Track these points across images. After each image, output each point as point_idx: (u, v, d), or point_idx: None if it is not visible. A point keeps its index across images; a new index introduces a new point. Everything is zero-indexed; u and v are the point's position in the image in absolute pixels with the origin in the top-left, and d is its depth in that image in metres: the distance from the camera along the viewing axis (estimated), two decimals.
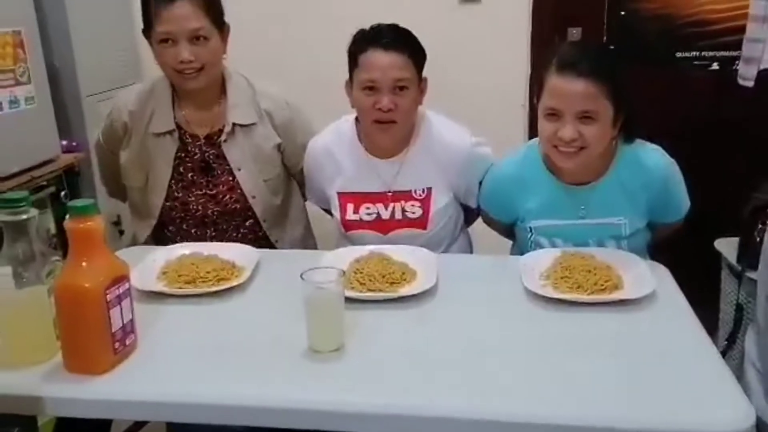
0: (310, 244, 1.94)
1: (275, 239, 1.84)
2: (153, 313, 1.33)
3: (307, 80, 2.81)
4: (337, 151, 1.73)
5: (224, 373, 1.15)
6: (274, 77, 2.76)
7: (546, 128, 1.48)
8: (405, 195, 1.70)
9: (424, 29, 2.70)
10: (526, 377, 1.12)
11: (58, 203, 2.22)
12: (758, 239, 1.78)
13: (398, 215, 1.70)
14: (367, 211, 1.70)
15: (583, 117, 1.43)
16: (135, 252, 1.62)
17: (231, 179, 1.77)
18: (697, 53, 2.61)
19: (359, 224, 1.71)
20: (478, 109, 2.74)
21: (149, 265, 1.49)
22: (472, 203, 1.77)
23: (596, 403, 1.05)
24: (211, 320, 1.34)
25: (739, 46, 2.32)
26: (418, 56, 1.64)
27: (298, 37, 2.80)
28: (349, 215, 1.71)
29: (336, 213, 1.74)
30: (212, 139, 1.77)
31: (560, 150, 1.47)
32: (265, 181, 1.80)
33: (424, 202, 1.69)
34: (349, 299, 1.25)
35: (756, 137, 2.49)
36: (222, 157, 1.76)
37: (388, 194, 1.70)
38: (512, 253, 1.76)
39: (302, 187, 1.91)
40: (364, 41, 1.63)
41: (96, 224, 1.11)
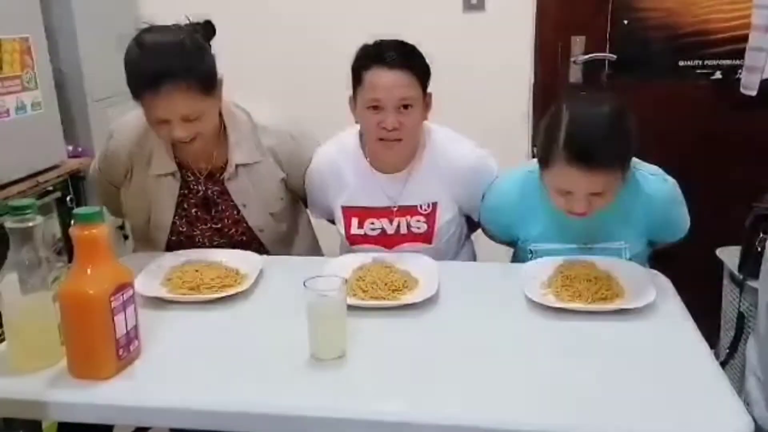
0: (316, 255, 1.91)
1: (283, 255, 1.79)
2: (157, 319, 1.34)
3: (311, 91, 2.82)
4: (341, 166, 1.70)
5: (227, 379, 1.16)
6: (277, 85, 2.81)
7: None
8: (410, 210, 1.67)
9: (428, 37, 2.70)
10: (527, 385, 1.12)
11: (64, 208, 2.24)
12: (759, 249, 1.79)
13: (403, 230, 1.68)
14: (372, 225, 1.68)
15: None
16: (139, 258, 1.62)
17: (236, 213, 1.71)
18: (700, 62, 2.61)
19: (364, 239, 1.69)
20: (481, 116, 2.75)
21: (153, 271, 1.50)
22: (476, 216, 1.75)
23: (596, 412, 1.05)
24: (214, 327, 1.34)
25: (742, 55, 2.34)
26: (423, 73, 1.61)
27: (302, 46, 2.81)
28: (354, 230, 1.69)
29: (340, 227, 1.72)
30: (215, 176, 1.70)
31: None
32: (272, 214, 1.74)
33: (430, 216, 1.67)
34: (351, 307, 1.26)
35: (758, 146, 2.49)
36: (226, 192, 1.70)
37: (393, 209, 1.68)
38: (513, 260, 1.76)
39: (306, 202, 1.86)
40: (367, 59, 1.59)
41: (101, 232, 1.12)
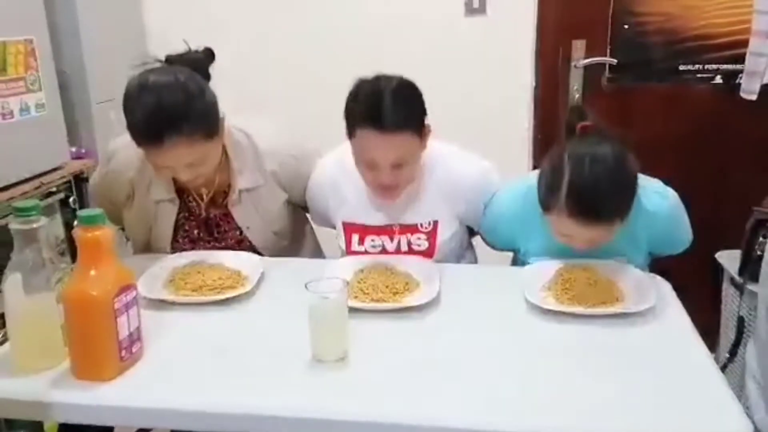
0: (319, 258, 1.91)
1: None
2: (159, 320, 1.34)
3: (312, 95, 2.82)
4: (341, 181, 1.68)
5: (229, 381, 1.16)
6: (278, 88, 2.82)
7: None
8: (411, 228, 1.65)
9: (429, 41, 2.74)
10: (527, 389, 1.13)
11: (67, 209, 2.25)
12: (759, 252, 1.79)
13: (404, 247, 1.66)
14: (372, 243, 1.66)
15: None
16: (142, 260, 1.63)
17: (239, 234, 1.70)
18: (701, 66, 2.62)
19: (364, 255, 1.66)
20: (481, 120, 2.77)
21: (156, 273, 1.51)
22: (476, 226, 1.74)
23: (595, 415, 1.06)
24: (216, 328, 1.35)
25: (742, 59, 2.34)
26: (420, 122, 1.52)
27: (302, 48, 2.82)
28: (354, 246, 1.67)
29: (341, 242, 1.70)
30: (217, 200, 1.69)
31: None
32: (275, 232, 1.73)
33: (431, 234, 1.65)
34: (352, 309, 1.27)
35: (758, 150, 2.50)
36: (229, 215, 1.69)
37: (394, 227, 1.65)
38: (514, 263, 1.76)
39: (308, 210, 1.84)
40: (360, 116, 1.48)
41: (104, 233, 1.13)
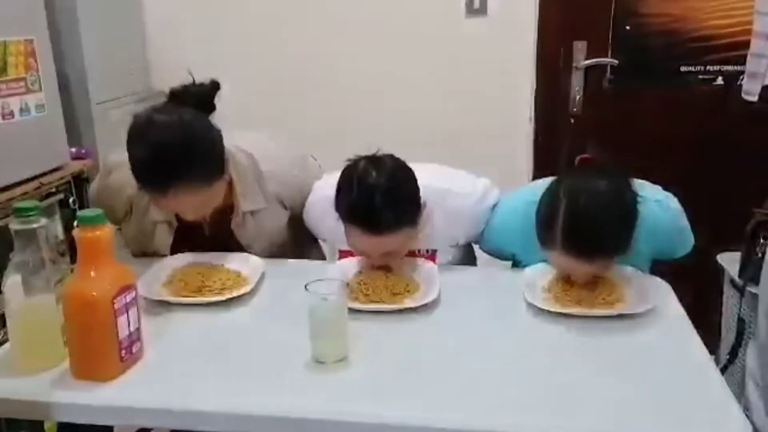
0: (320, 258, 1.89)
1: None
2: (159, 321, 1.35)
3: (312, 96, 2.83)
4: (335, 218, 1.54)
5: (229, 381, 1.16)
6: (281, 88, 2.83)
7: None
8: (409, 253, 1.59)
9: (429, 41, 2.74)
10: (528, 390, 1.13)
11: (67, 209, 2.25)
12: (760, 254, 1.79)
13: None
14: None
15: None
16: (142, 260, 1.62)
17: (241, 250, 1.66)
18: (702, 68, 2.62)
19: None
20: (483, 121, 2.77)
21: (156, 273, 1.51)
22: (477, 243, 1.73)
23: (595, 416, 1.06)
24: (216, 329, 1.35)
25: (743, 61, 2.34)
26: (414, 218, 1.47)
27: (303, 48, 2.82)
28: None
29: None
30: (219, 222, 1.63)
31: None
32: (279, 247, 1.71)
33: (429, 258, 1.63)
34: (352, 310, 1.27)
35: (759, 152, 2.49)
36: (231, 234, 1.65)
37: None
38: (514, 265, 1.76)
39: None
40: (349, 217, 1.44)
41: (104, 234, 1.13)
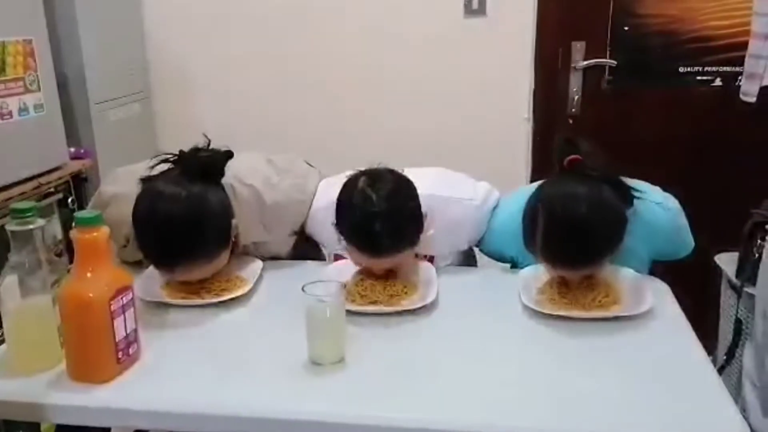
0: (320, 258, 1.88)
1: None
2: (156, 322, 1.35)
3: (312, 97, 2.83)
4: (332, 225, 1.51)
5: (226, 383, 1.16)
6: (279, 89, 2.83)
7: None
8: None
9: (428, 41, 2.74)
10: (525, 391, 1.13)
11: (66, 209, 2.25)
12: (757, 255, 1.80)
13: None
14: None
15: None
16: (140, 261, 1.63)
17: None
18: (700, 68, 2.62)
19: None
20: (482, 121, 2.77)
21: (153, 274, 1.50)
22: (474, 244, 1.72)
23: (592, 418, 1.06)
24: (213, 330, 1.35)
25: (741, 62, 2.34)
26: (414, 238, 1.45)
27: (303, 49, 2.83)
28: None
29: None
30: None
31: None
32: (283, 260, 1.69)
33: (428, 261, 1.62)
34: (350, 312, 1.27)
35: (757, 153, 2.49)
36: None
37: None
38: (513, 266, 1.76)
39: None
40: (350, 239, 1.43)
41: (102, 235, 1.13)
